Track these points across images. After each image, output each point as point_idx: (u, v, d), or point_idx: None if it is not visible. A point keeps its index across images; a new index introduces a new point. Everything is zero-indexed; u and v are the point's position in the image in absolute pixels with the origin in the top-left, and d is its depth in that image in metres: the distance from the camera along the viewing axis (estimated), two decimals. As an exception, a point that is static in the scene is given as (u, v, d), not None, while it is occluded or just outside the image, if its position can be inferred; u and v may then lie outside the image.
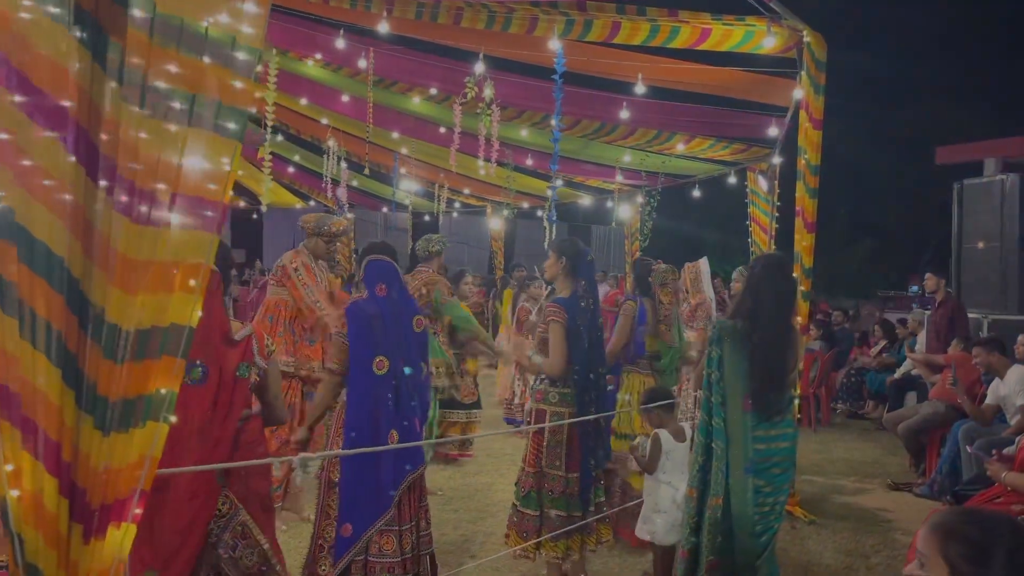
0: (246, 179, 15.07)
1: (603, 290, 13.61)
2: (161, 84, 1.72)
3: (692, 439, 3.69)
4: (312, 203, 17.20)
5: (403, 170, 13.18)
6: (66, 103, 1.60)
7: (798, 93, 5.59)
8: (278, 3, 6.61)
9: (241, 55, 1.84)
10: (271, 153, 10.76)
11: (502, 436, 7.13)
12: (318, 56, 8.15)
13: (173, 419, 1.82)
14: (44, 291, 1.61)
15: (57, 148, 1.60)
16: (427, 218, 16.69)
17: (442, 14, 6.17)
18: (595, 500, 4.06)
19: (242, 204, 17.76)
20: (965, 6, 25.69)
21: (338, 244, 5.57)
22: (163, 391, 1.80)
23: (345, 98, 9.15)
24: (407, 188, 15.28)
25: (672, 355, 5.10)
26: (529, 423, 4.05)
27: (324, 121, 10.74)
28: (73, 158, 1.61)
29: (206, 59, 1.78)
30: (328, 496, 3.53)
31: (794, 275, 3.47)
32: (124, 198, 1.68)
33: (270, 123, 7.58)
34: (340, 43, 7.10)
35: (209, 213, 1.84)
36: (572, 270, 4.05)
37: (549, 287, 7.52)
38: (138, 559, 2.39)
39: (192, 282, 1.82)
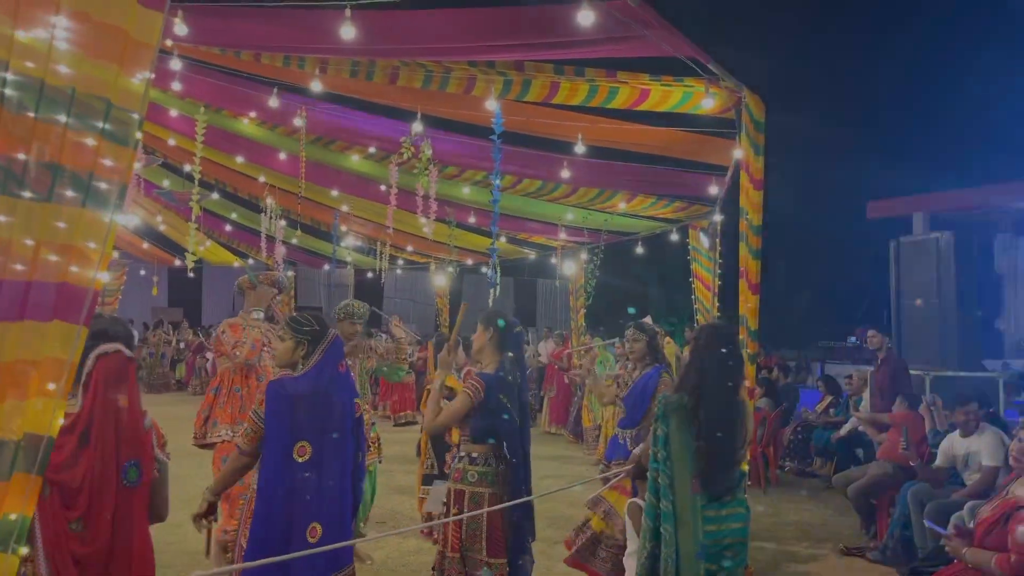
0: (179, 236, 14.65)
1: (548, 347, 13.46)
2: (15, 155, 1.48)
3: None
4: (251, 261, 16.80)
5: (344, 228, 12.96)
6: None
7: (738, 153, 5.56)
8: (207, 60, 6.42)
9: (117, 119, 1.61)
10: (205, 210, 10.48)
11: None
12: (252, 114, 7.95)
13: (24, 550, 1.53)
14: None
15: None
16: (370, 275, 16.41)
17: (377, 73, 6.04)
18: None
19: (176, 263, 17.22)
20: (890, 70, 26.92)
21: (278, 301, 5.31)
22: (13, 516, 1.51)
23: (282, 156, 8.94)
24: (349, 245, 15.04)
25: None
26: (446, 503, 3.77)
27: (261, 179, 10.49)
28: None
29: (71, 125, 1.55)
30: None
31: (737, 345, 3.31)
32: (-38, 289, 1.43)
33: (196, 175, 7.33)
34: (274, 101, 6.92)
35: (76, 300, 1.59)
36: (499, 343, 3.83)
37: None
38: None
39: (52, 385, 1.55)
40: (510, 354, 3.79)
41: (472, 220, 10.92)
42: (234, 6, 4.92)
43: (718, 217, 8.51)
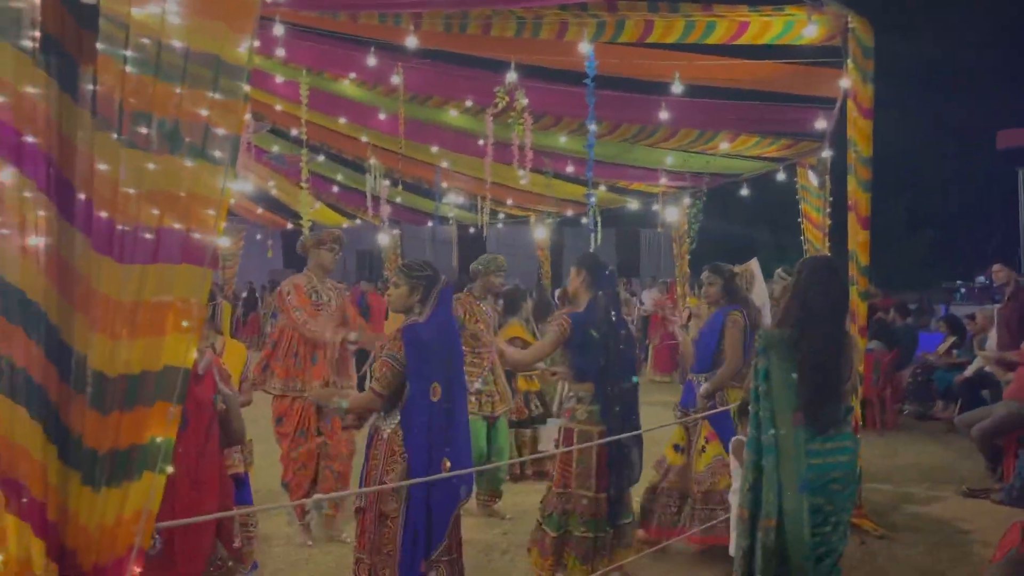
0: (291, 200, 15.25)
1: (651, 296, 13.35)
2: (139, 113, 1.62)
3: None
4: (358, 221, 17.35)
5: (445, 184, 13.15)
6: (34, 137, 1.50)
7: (845, 82, 5.31)
8: (307, 23, 6.62)
9: (226, 77, 1.73)
10: (313, 173, 10.87)
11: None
12: (352, 75, 8.14)
13: (170, 469, 1.72)
14: (21, 340, 1.52)
15: (26, 186, 1.51)
16: (472, 230, 16.62)
17: (471, 24, 6.07)
18: (623, 520, 3.96)
19: (289, 225, 17.96)
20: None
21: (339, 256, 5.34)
22: (159, 439, 1.69)
23: (382, 115, 9.12)
24: (451, 201, 15.26)
25: None
26: (557, 441, 3.93)
27: (364, 139, 10.75)
28: (44, 196, 1.52)
29: (188, 83, 1.67)
30: (380, 530, 3.38)
31: (844, 277, 3.23)
32: (104, 237, 1.58)
33: (303, 137, 7.62)
34: (372, 60, 7.06)
35: (200, 247, 1.74)
36: (591, 283, 3.96)
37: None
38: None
39: (185, 322, 1.71)
40: (600, 293, 3.89)
41: (570, 169, 10.86)
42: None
43: (827, 153, 8.16)
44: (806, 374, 3.02)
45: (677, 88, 6.68)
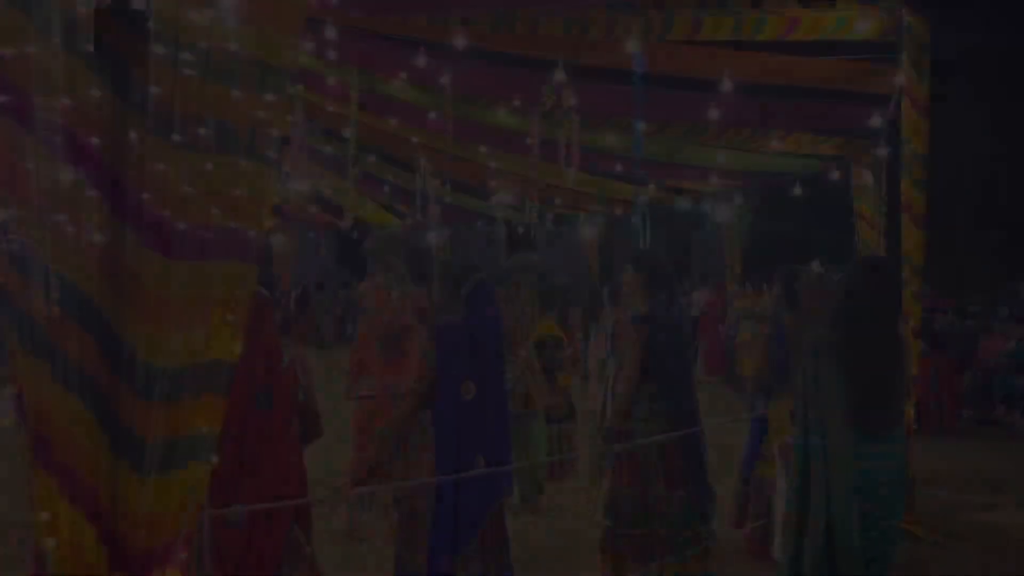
0: (343, 200, 15.48)
1: (703, 297, 13.19)
2: (188, 114, 1.68)
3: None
4: (409, 221, 17.51)
5: (493, 183, 13.19)
6: (89, 139, 1.57)
7: (900, 79, 5.19)
8: (357, 24, 6.71)
9: (273, 79, 1.78)
10: (364, 173, 11.01)
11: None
12: (402, 75, 8.23)
13: (215, 459, 1.77)
14: (75, 333, 1.58)
15: (81, 186, 1.57)
16: (521, 230, 16.63)
17: (519, 25, 6.09)
18: (700, 525, 3.88)
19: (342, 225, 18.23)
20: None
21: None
22: (204, 430, 1.75)
23: (432, 115, 9.20)
24: (500, 201, 15.30)
25: None
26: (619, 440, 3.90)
27: (414, 140, 10.85)
28: (98, 195, 1.58)
29: (235, 85, 1.73)
30: (411, 525, 3.44)
31: (896, 278, 3.16)
32: (154, 234, 1.64)
33: (352, 138, 7.74)
34: (421, 60, 7.12)
35: (247, 243, 1.79)
36: (649, 283, 3.90)
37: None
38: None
39: (230, 316, 1.77)
40: (662, 295, 3.86)
41: (619, 169, 10.81)
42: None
43: (883, 151, 7.96)
44: (855, 377, 2.96)
45: (727, 86, 6.59)
